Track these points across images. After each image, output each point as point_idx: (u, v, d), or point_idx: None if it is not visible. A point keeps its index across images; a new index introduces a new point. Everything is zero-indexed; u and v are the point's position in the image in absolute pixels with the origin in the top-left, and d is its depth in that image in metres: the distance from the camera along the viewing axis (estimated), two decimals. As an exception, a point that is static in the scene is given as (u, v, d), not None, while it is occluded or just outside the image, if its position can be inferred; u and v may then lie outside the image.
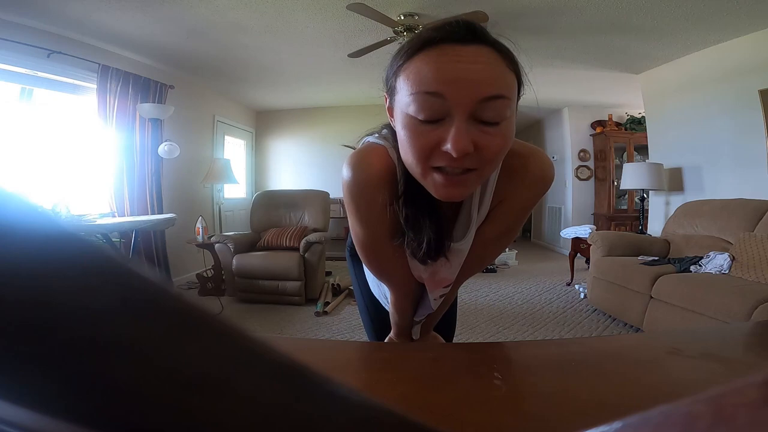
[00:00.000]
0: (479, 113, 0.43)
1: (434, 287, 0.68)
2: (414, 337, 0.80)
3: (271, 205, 3.74)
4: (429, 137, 0.44)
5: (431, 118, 0.44)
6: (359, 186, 0.54)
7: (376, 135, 0.58)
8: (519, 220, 0.62)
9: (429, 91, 0.43)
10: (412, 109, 0.44)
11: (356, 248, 0.64)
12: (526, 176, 0.56)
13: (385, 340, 0.81)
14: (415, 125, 0.45)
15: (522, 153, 0.55)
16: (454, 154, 0.43)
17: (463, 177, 0.46)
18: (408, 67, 0.45)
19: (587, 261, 3.53)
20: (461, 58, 0.43)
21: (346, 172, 0.54)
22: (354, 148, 0.59)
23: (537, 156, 0.56)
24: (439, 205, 0.56)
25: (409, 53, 0.46)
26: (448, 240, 0.59)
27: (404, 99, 0.45)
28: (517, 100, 0.49)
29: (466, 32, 0.44)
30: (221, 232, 3.83)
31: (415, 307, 0.74)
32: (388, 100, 0.51)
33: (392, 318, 0.74)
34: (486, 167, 0.46)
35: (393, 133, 0.53)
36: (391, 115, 0.51)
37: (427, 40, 0.44)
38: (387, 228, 0.58)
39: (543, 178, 0.56)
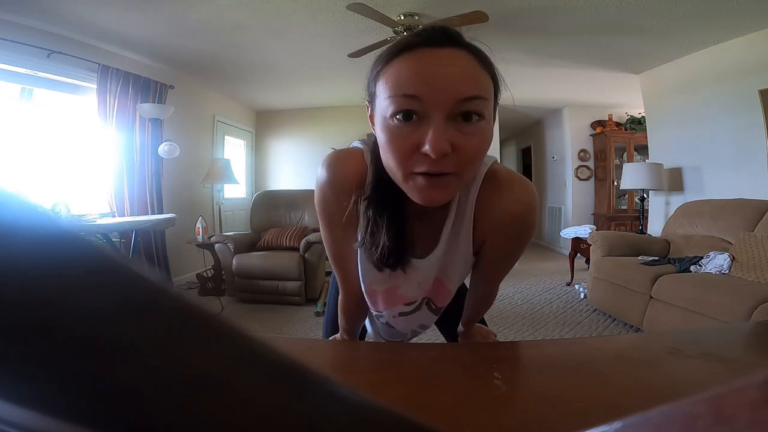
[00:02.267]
0: (456, 114, 0.44)
1: (393, 304, 0.67)
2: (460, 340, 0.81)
3: (271, 205, 3.74)
4: (408, 140, 0.45)
5: (409, 120, 0.44)
6: (330, 184, 0.56)
7: (362, 140, 0.60)
8: (508, 259, 0.62)
9: (407, 94, 0.44)
10: (390, 112, 0.45)
11: (324, 243, 0.64)
12: (503, 199, 0.54)
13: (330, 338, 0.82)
14: (393, 128, 0.45)
15: (505, 177, 0.55)
16: (432, 155, 0.43)
17: (444, 179, 0.46)
18: (386, 71, 0.46)
19: (587, 261, 3.53)
20: (438, 61, 0.44)
21: (320, 171, 0.56)
22: None
23: (520, 183, 0.56)
24: (411, 217, 0.56)
25: (387, 58, 0.47)
26: (408, 253, 0.58)
27: (383, 102, 0.46)
28: (496, 104, 0.49)
29: (442, 36, 0.45)
30: (221, 232, 3.83)
31: (361, 319, 0.75)
32: (369, 107, 0.52)
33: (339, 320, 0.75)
34: (465, 170, 0.47)
35: (376, 140, 0.55)
36: (373, 123, 0.51)
37: (405, 45, 0.46)
38: (350, 227, 0.59)
39: (526, 209, 0.55)
